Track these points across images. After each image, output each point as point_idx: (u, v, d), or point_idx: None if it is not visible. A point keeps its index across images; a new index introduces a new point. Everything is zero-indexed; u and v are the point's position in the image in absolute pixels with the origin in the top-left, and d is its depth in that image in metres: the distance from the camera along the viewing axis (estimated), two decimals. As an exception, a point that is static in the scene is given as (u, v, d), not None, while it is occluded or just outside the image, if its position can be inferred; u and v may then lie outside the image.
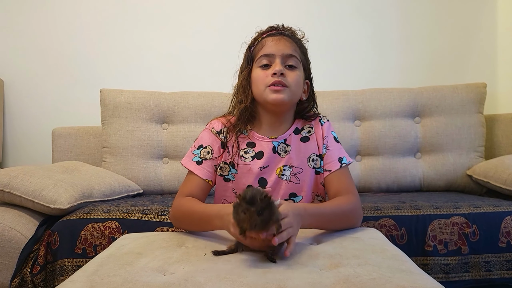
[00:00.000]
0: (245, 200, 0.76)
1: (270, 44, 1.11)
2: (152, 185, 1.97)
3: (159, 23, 2.35)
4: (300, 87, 1.14)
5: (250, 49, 1.16)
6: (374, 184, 2.00)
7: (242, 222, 0.76)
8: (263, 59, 1.11)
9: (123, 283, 0.72)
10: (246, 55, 1.17)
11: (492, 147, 2.08)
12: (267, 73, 1.10)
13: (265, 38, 1.14)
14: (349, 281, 0.72)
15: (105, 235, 1.39)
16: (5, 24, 2.31)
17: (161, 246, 0.94)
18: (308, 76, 1.19)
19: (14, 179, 1.48)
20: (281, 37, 1.12)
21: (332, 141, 1.17)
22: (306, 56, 1.18)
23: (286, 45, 1.11)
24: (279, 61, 1.09)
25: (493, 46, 2.36)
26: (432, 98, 2.04)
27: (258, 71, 1.12)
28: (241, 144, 1.15)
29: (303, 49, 1.17)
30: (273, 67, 1.09)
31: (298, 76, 1.12)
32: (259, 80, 1.11)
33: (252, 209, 0.75)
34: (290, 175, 1.14)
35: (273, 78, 1.08)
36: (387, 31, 2.38)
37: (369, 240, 0.99)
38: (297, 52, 1.13)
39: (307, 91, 1.20)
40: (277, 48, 1.10)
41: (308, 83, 1.19)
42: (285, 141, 1.15)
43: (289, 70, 1.11)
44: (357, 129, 2.04)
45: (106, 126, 1.99)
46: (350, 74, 2.37)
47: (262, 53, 1.11)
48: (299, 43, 1.16)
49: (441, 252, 1.37)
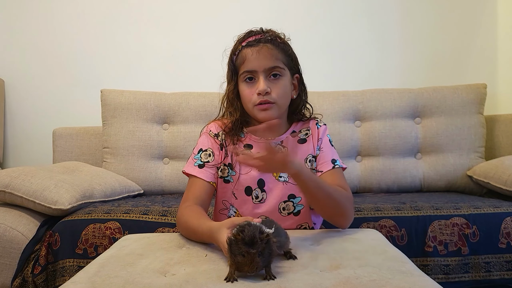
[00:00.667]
0: (243, 241, 0.71)
1: (251, 58, 1.08)
2: (153, 186, 1.98)
3: (160, 23, 2.35)
4: (287, 95, 1.13)
5: (232, 59, 1.14)
6: (375, 185, 2.00)
7: (243, 265, 0.72)
8: (247, 74, 1.10)
9: (124, 284, 0.73)
10: (229, 66, 1.15)
11: (493, 147, 2.09)
12: (253, 91, 1.08)
13: (245, 50, 1.10)
14: (349, 283, 0.72)
15: (106, 235, 1.39)
16: (6, 24, 2.31)
17: (162, 247, 0.94)
18: (297, 70, 1.16)
19: (15, 179, 1.48)
20: (261, 47, 1.08)
21: (327, 143, 1.16)
22: (291, 55, 1.14)
23: (267, 56, 1.08)
24: (262, 78, 1.07)
25: (494, 47, 2.36)
26: (433, 98, 2.04)
27: (243, 87, 1.11)
28: (239, 146, 1.15)
29: (286, 51, 1.12)
30: (257, 85, 1.08)
31: (284, 86, 1.10)
32: (246, 98, 1.11)
33: (252, 252, 0.71)
34: (288, 176, 1.13)
35: (259, 97, 1.07)
36: (387, 31, 2.38)
37: (369, 241, 0.99)
38: (279, 59, 1.09)
39: (297, 86, 1.17)
40: (258, 63, 1.08)
41: (297, 77, 1.17)
42: (281, 143, 1.15)
43: (274, 81, 1.09)
44: (358, 129, 2.04)
45: (107, 127, 2.00)
46: (350, 74, 2.37)
47: (245, 68, 1.09)
48: (281, 46, 1.11)
49: (441, 253, 1.38)
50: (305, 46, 2.35)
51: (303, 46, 2.30)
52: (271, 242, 0.74)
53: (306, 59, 1.23)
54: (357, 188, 2.01)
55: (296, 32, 2.51)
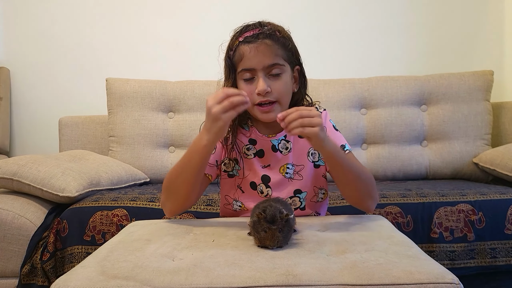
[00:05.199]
0: (265, 219, 0.81)
1: (249, 56, 1.03)
2: (159, 174, 1.98)
3: (165, 12, 2.34)
4: (289, 92, 1.08)
5: (229, 55, 1.08)
6: (380, 172, 2.00)
7: (264, 240, 0.82)
8: (245, 73, 1.04)
9: (133, 268, 0.74)
10: (227, 62, 1.09)
11: (499, 134, 2.07)
12: (252, 90, 1.03)
13: (243, 47, 1.04)
14: (356, 266, 0.73)
15: (113, 222, 1.40)
16: (10, 13, 2.31)
17: (169, 233, 0.95)
18: (297, 62, 1.11)
19: (23, 167, 1.50)
20: (259, 44, 1.03)
21: (332, 130, 1.12)
22: (292, 49, 1.09)
23: (266, 54, 1.02)
24: (262, 76, 1.03)
25: (500, 34, 2.33)
26: (439, 86, 2.03)
27: (242, 85, 1.06)
28: (243, 140, 1.12)
29: (286, 45, 1.07)
30: (256, 85, 1.03)
31: (285, 83, 1.06)
32: None
33: (273, 228, 0.81)
34: (293, 173, 1.11)
35: (259, 97, 1.03)
36: (393, 18, 2.36)
37: (375, 227, 0.99)
38: (279, 55, 1.04)
39: (298, 79, 1.13)
40: (257, 61, 1.02)
41: (298, 69, 1.12)
42: (285, 137, 1.11)
43: (274, 80, 1.04)
44: (363, 117, 2.04)
45: (112, 115, 2.00)
46: (356, 62, 2.35)
47: (243, 66, 1.04)
48: (281, 41, 1.05)
49: (447, 239, 1.38)
50: (309, 34, 2.34)
51: (307, 34, 2.31)
52: (290, 220, 0.84)
53: (311, 47, 1.22)
54: (363, 175, 2.01)
55: (301, 20, 2.49)
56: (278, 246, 0.82)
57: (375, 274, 0.70)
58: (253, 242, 0.86)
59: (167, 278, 0.70)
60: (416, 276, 0.70)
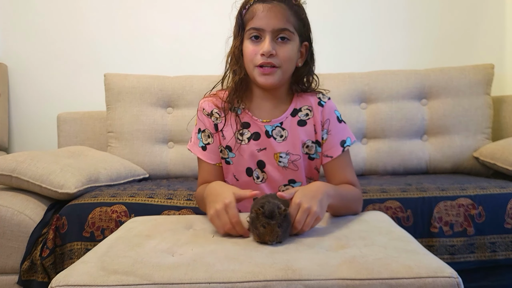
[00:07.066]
0: (264, 214, 0.82)
1: (261, 15, 1.02)
2: (158, 170, 1.98)
3: (163, 6, 2.32)
4: (293, 61, 1.07)
5: (241, 13, 1.08)
6: (380, 167, 1.99)
7: (264, 235, 0.82)
8: (253, 32, 1.03)
9: (133, 263, 0.74)
10: (237, 20, 1.09)
11: (499, 128, 2.07)
12: (256, 50, 1.02)
13: (256, 5, 1.04)
14: (355, 261, 0.73)
15: (113, 218, 1.40)
16: (8, 9, 2.29)
17: (169, 229, 0.95)
18: (307, 38, 1.10)
19: (21, 164, 1.49)
20: (273, 5, 1.02)
21: (335, 123, 1.11)
22: (304, 20, 1.08)
23: (278, 16, 1.01)
24: (269, 38, 1.01)
25: (501, 27, 2.32)
26: (439, 79, 2.02)
27: (247, 44, 1.05)
28: (235, 125, 1.10)
29: (300, 14, 1.06)
30: (262, 45, 1.02)
31: (291, 50, 1.04)
32: (248, 56, 1.05)
33: (272, 223, 0.81)
34: (288, 162, 1.11)
35: (262, 58, 1.02)
36: (393, 11, 2.34)
37: (375, 222, 0.99)
38: (290, 22, 1.03)
39: (305, 54, 1.11)
40: (267, 22, 1.01)
41: (306, 45, 1.11)
42: (281, 124, 1.10)
43: (281, 45, 1.03)
44: (363, 111, 2.03)
45: (111, 111, 1.99)
46: (355, 56, 2.34)
47: (252, 25, 1.03)
48: (294, 9, 1.05)
49: (447, 234, 1.38)
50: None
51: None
52: (289, 216, 0.85)
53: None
54: (363, 170, 2.01)
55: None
56: (278, 241, 0.82)
57: (374, 268, 0.70)
58: (252, 237, 0.86)
59: (167, 273, 0.70)
60: (415, 271, 0.70)
